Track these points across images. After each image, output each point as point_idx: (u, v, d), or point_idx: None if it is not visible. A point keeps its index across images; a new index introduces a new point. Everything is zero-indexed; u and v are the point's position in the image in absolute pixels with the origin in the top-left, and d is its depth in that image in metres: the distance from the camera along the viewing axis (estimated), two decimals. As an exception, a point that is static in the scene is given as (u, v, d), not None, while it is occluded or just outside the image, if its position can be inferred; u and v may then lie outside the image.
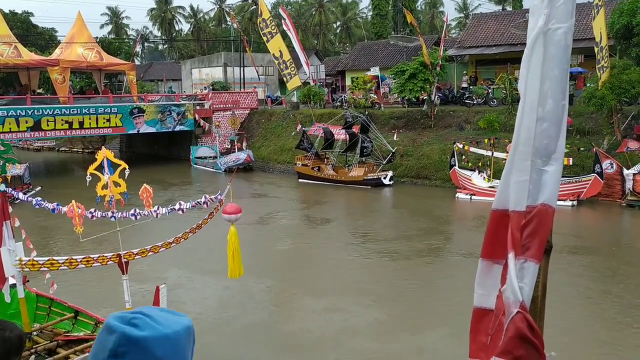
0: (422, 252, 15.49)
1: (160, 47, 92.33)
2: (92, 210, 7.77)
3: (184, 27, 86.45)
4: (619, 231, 18.28)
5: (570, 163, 20.43)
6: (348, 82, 41.79)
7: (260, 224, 19.58)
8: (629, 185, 19.66)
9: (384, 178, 25.18)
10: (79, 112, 30.24)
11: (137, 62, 62.54)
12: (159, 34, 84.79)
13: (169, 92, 41.96)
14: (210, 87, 41.43)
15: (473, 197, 21.62)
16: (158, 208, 7.47)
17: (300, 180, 27.44)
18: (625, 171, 19.74)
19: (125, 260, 7.59)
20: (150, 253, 7.68)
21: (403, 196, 23.81)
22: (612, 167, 20.08)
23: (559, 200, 19.61)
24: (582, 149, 21.37)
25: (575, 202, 19.94)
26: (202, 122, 34.26)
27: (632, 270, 13.56)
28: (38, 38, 53.83)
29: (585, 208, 19.96)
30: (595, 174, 19.67)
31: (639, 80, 20.77)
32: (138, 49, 65.45)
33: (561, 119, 1.72)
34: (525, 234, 1.65)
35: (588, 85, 24.00)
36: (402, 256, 15.10)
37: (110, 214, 7.61)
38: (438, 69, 28.04)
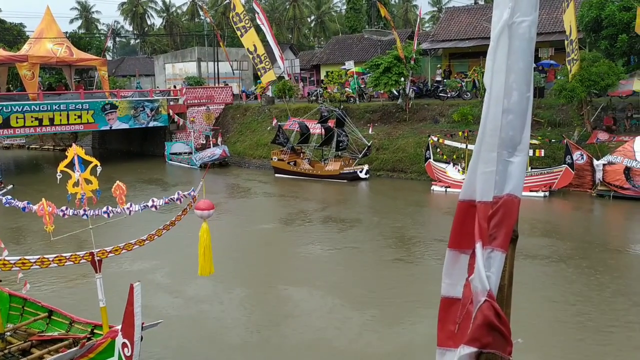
0: (398, 244, 15.60)
1: (132, 42, 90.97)
2: (63, 208, 7.63)
3: (156, 21, 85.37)
4: (589, 220, 18.65)
5: (542, 154, 20.76)
6: (323, 76, 41.79)
7: (236, 219, 19.50)
8: (599, 175, 20.06)
9: (360, 172, 25.27)
10: (49, 108, 29.65)
11: (108, 58, 61.56)
12: (130, 28, 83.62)
13: (137, 88, 41.40)
14: (185, 83, 41.01)
15: (448, 189, 21.84)
16: (131, 205, 7.38)
17: (276, 175, 27.38)
18: (595, 162, 20.13)
19: (98, 258, 7.49)
20: (124, 251, 7.59)
21: (379, 189, 23.94)
22: (582, 158, 20.46)
23: (531, 191, 19.95)
24: (553, 140, 21.73)
25: (547, 193, 20.29)
26: (176, 118, 33.92)
27: (600, 256, 13.86)
28: (6, 34, 52.57)
29: (557, 198, 20.33)
30: (566, 165, 20.03)
31: (608, 73, 21.17)
32: (109, 44, 64.45)
33: (526, 111, 1.75)
34: (492, 224, 1.68)
35: (559, 77, 24.37)
36: (378, 247, 15.19)
37: (82, 211, 7.49)
38: (412, 62, 28.19)
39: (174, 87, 40.88)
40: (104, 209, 7.53)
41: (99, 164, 7.37)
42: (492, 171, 1.73)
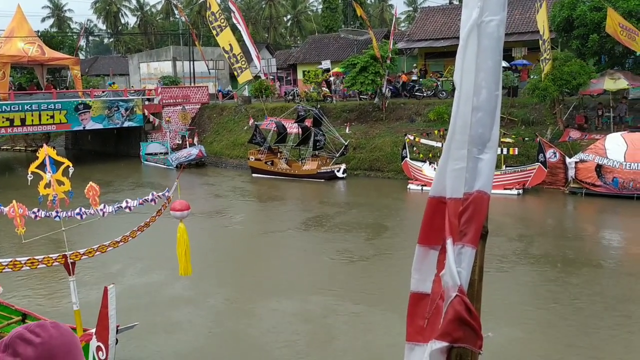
0: (374, 243, 15.68)
1: (105, 40, 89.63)
2: (35, 210, 7.51)
3: (130, 20, 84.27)
4: (562, 217, 18.98)
5: (516, 153, 21.06)
6: (300, 76, 41.77)
7: (213, 219, 19.38)
8: (571, 173, 20.43)
9: (338, 171, 25.33)
10: (20, 108, 29.09)
11: (81, 57, 60.59)
12: (104, 27, 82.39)
13: (108, 86, 40.91)
14: (160, 82, 40.59)
15: (424, 187, 22.01)
16: (105, 206, 7.29)
17: (253, 174, 27.29)
18: (568, 160, 20.50)
19: (71, 261, 7.38)
20: (98, 253, 7.49)
21: (356, 188, 24.03)
22: (555, 156, 20.81)
23: (505, 189, 20.17)
24: (526, 139, 22.05)
25: (520, 191, 20.59)
26: (151, 118, 33.57)
27: (570, 252, 14.12)
28: (-25, 32, 51.30)
29: (531, 196, 20.65)
30: (539, 163, 20.35)
31: (579, 72, 21.57)
32: (82, 42, 63.45)
33: (495, 109, 1.77)
34: (462, 220, 1.69)
35: (532, 77, 24.75)
36: (354, 246, 15.24)
37: (54, 213, 7.37)
38: (388, 61, 28.34)
39: (158, 82, 40.42)
40: (77, 210, 7.43)
41: (71, 165, 7.26)
42: (462, 168, 1.75)
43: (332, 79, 34.52)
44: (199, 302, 11.66)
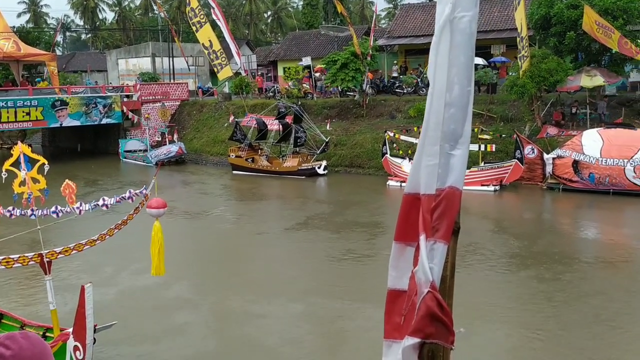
0: (352, 238, 15.71)
1: (83, 36, 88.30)
2: (10, 208, 7.38)
3: (108, 15, 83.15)
4: (538, 212, 19.21)
5: (494, 149, 21.26)
6: (280, 72, 41.64)
7: (192, 217, 19.25)
8: (549, 169, 20.68)
9: (318, 168, 25.32)
10: (-5, 105, 28.57)
11: (58, 53, 59.67)
12: (81, 23, 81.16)
13: (88, 84, 40.38)
14: (139, 79, 40.15)
15: (403, 184, 22.03)
16: (81, 204, 7.19)
17: (234, 172, 27.15)
18: (546, 156, 20.74)
19: (47, 259, 7.27)
20: (74, 251, 7.39)
21: (337, 185, 24.05)
22: (533, 152, 21.05)
23: (483, 185, 20.33)
24: (504, 135, 22.25)
25: (497, 187, 20.78)
26: (130, 115, 33.19)
27: (546, 247, 14.31)
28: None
29: (508, 192, 20.86)
30: (516, 160, 20.56)
31: (557, 69, 21.82)
32: (59, 38, 62.47)
33: (467, 105, 1.78)
34: (434, 216, 1.70)
35: (510, 74, 24.98)
36: (332, 241, 15.27)
37: (29, 212, 7.25)
38: (369, 58, 28.38)
39: (137, 79, 39.95)
40: (53, 208, 7.31)
41: (46, 162, 7.14)
42: (435, 164, 1.75)
43: (317, 75, 34.41)
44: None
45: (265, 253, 14.93)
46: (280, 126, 26.35)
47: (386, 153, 23.33)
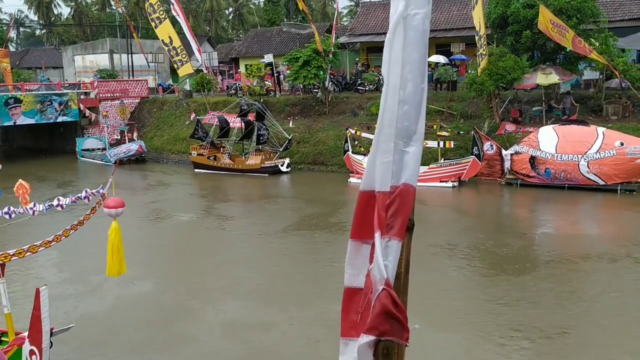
0: (312, 235, 15.74)
1: (37, 32, 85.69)
2: (-41, 210, 7.10)
3: (64, 11, 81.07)
4: (494, 207, 19.59)
5: (452, 146, 21.61)
6: (242, 69, 41.32)
7: (152, 217, 18.93)
8: (507, 165, 21.13)
9: (281, 165, 25.24)
10: (-56, 103, 27.47)
11: (11, 49, 57.78)
12: (35, 18, 78.75)
13: (42, 81, 39.23)
14: (98, 75, 39.24)
15: (367, 181, 22.22)
16: (35, 205, 6.97)
17: (196, 170, 26.82)
18: (504, 152, 21.18)
19: (0, 262, 7.02)
20: (29, 253, 7.15)
21: (300, 182, 24.02)
22: (492, 148, 21.47)
23: (441, 181, 20.61)
24: (462, 132, 22.63)
25: (456, 184, 21.11)
26: (87, 112, 32.39)
27: (502, 238, 14.64)
28: None
29: (467, 188, 21.22)
30: (473, 156, 20.94)
31: (514, 67, 22.31)
32: (12, 34, 60.43)
33: (421, 102, 1.79)
34: (389, 213, 1.70)
35: (469, 72, 25.41)
36: (293, 239, 15.26)
37: (-20, 213, 6.99)
38: (331, 56, 28.43)
39: (95, 75, 39.01)
40: (5, 209, 7.07)
41: (-2, 162, 6.90)
42: (389, 161, 1.76)
43: (284, 71, 34.17)
44: (131, 299, 11.37)
45: (223, 251, 14.79)
46: (243, 124, 26.16)
47: (348, 150, 23.43)
